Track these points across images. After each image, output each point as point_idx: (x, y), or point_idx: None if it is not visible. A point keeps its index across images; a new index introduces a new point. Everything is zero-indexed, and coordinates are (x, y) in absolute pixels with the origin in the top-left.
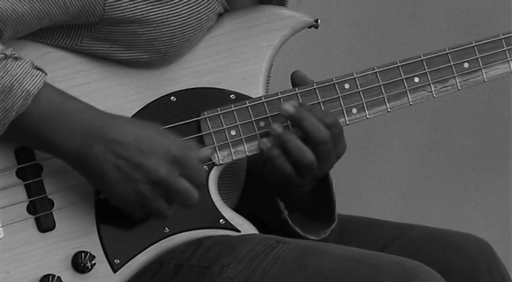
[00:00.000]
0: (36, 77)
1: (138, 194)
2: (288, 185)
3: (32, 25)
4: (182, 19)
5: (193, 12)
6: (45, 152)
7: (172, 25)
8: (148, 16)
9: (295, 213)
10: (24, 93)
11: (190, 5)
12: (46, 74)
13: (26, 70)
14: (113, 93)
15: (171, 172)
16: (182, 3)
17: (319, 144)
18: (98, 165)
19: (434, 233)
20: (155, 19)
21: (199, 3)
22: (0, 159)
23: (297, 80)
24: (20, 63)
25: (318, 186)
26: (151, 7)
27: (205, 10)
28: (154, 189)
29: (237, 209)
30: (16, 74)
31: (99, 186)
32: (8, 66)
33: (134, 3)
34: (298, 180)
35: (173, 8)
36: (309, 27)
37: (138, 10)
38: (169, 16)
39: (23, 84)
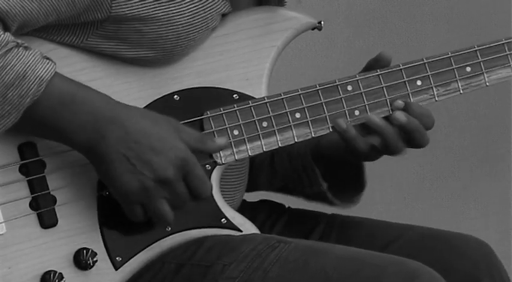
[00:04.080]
0: (47, 64)
1: (142, 188)
2: (358, 158)
3: (39, 21)
4: (187, 18)
5: (199, 12)
6: (56, 140)
7: (177, 24)
8: (154, 14)
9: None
10: (37, 79)
11: (196, 5)
12: (55, 63)
13: (37, 58)
14: (116, 91)
15: (177, 174)
16: (188, 2)
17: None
18: (108, 155)
19: (434, 235)
20: (161, 17)
21: (204, 2)
22: (3, 155)
23: (382, 60)
24: (31, 52)
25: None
26: (158, 5)
27: (210, 10)
28: (159, 187)
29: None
30: (28, 62)
31: (105, 175)
32: (20, 54)
33: (142, 2)
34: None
35: (180, 7)
36: (312, 29)
37: (145, 8)
38: (174, 15)
39: (36, 71)
